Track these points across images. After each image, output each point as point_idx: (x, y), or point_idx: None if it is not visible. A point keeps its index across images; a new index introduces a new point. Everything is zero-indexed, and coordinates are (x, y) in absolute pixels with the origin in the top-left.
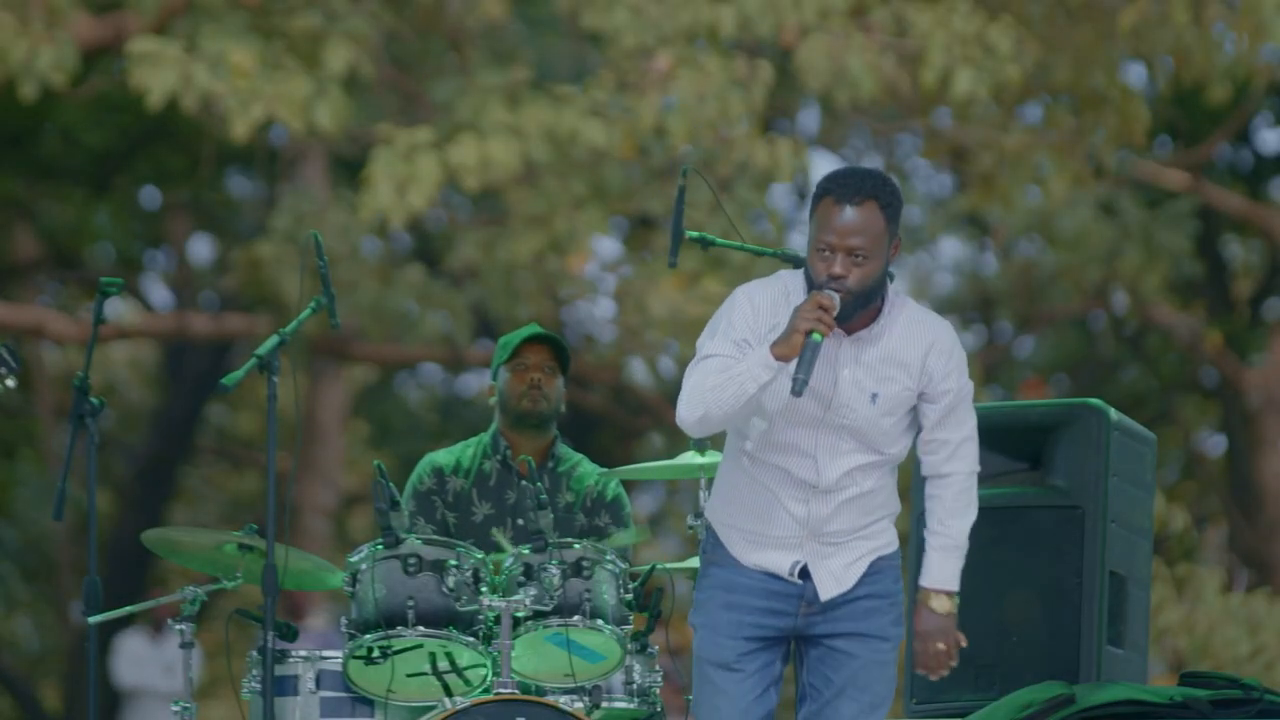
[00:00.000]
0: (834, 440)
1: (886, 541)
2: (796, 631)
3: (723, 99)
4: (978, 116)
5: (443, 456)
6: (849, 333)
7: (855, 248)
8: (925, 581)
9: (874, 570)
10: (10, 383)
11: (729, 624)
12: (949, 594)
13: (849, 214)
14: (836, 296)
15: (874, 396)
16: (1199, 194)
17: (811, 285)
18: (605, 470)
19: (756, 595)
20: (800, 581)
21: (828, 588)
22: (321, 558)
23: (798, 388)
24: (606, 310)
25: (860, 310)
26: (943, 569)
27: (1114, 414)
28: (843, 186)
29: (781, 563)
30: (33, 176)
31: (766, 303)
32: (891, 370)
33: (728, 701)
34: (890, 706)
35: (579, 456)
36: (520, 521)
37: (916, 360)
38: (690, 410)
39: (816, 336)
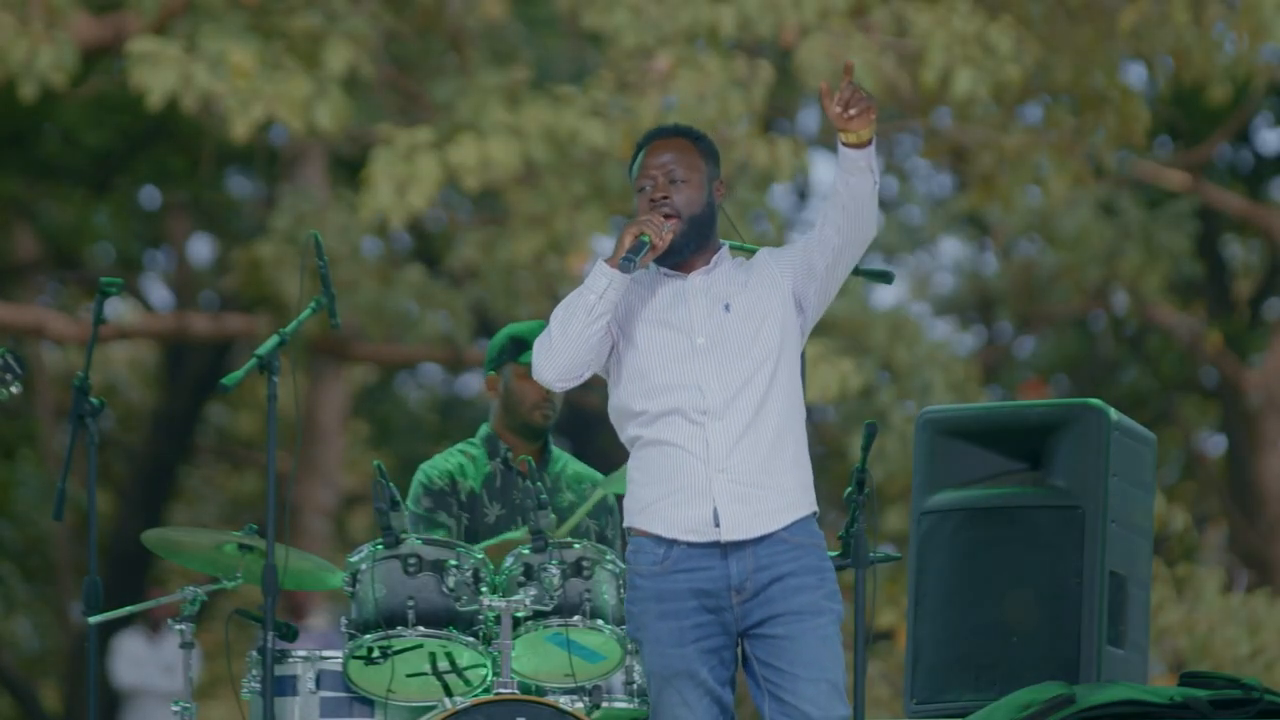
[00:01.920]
0: (710, 366)
1: (805, 501)
2: (736, 627)
3: (723, 99)
4: (978, 116)
5: (441, 463)
6: (687, 274)
7: (672, 172)
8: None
9: (795, 546)
10: (15, 389)
11: (671, 633)
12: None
13: (661, 149)
14: (668, 224)
15: (726, 306)
16: (1199, 194)
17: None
18: (605, 477)
19: (687, 597)
20: (721, 541)
21: (736, 529)
22: (321, 558)
23: (626, 265)
24: None
25: (694, 246)
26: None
27: (1114, 414)
28: (651, 136)
29: (697, 516)
30: (33, 176)
31: None
32: (736, 286)
33: (689, 712)
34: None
35: (566, 455)
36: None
37: (758, 265)
38: (539, 348)
39: (645, 238)
